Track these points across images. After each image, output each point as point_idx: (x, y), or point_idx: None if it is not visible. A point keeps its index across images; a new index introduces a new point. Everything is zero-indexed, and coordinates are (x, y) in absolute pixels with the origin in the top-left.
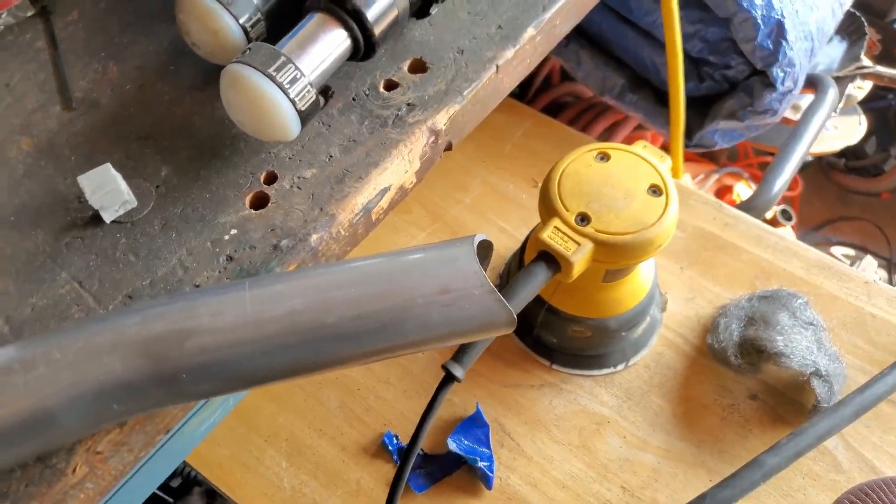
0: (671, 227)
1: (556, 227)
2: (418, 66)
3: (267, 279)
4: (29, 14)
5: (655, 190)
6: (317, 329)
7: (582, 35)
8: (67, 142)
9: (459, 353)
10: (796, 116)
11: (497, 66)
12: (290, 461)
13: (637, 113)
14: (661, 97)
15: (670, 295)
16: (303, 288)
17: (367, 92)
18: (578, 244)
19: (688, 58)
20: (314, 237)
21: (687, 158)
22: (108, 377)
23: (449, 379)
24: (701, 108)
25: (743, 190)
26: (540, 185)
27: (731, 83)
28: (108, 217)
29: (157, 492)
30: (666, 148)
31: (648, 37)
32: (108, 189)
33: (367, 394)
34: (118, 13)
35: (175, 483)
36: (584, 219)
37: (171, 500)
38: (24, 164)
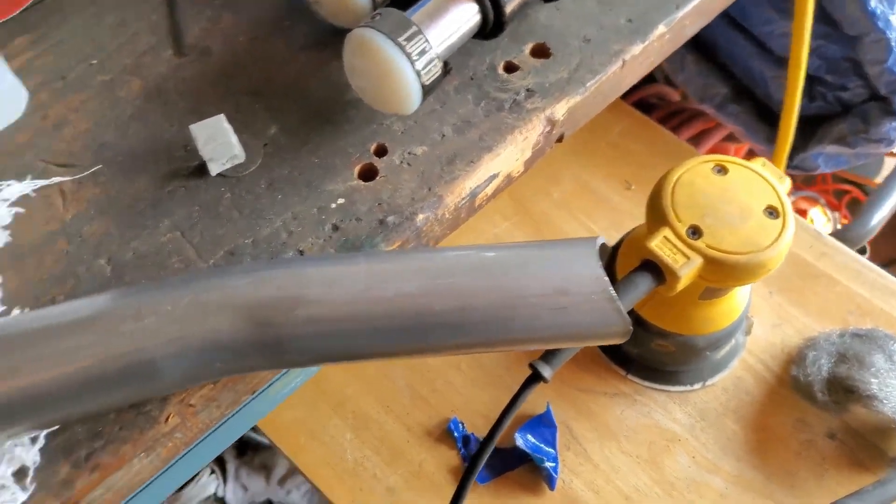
0: (784, 253)
1: (665, 236)
2: (541, 51)
3: (381, 256)
4: None
5: (772, 212)
6: (424, 315)
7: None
8: (176, 88)
9: (549, 354)
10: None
11: (623, 61)
12: (354, 433)
13: (737, 125)
14: (762, 111)
15: (756, 319)
16: (416, 270)
17: (486, 72)
18: (688, 258)
19: None
20: (420, 217)
21: None
22: (213, 336)
23: (535, 378)
24: (806, 129)
25: (817, 216)
26: (633, 187)
27: (843, 106)
28: (214, 169)
29: None
30: None
31: (761, 47)
32: (220, 141)
33: (435, 376)
34: None
35: None
36: (695, 232)
37: None
38: (133, 105)
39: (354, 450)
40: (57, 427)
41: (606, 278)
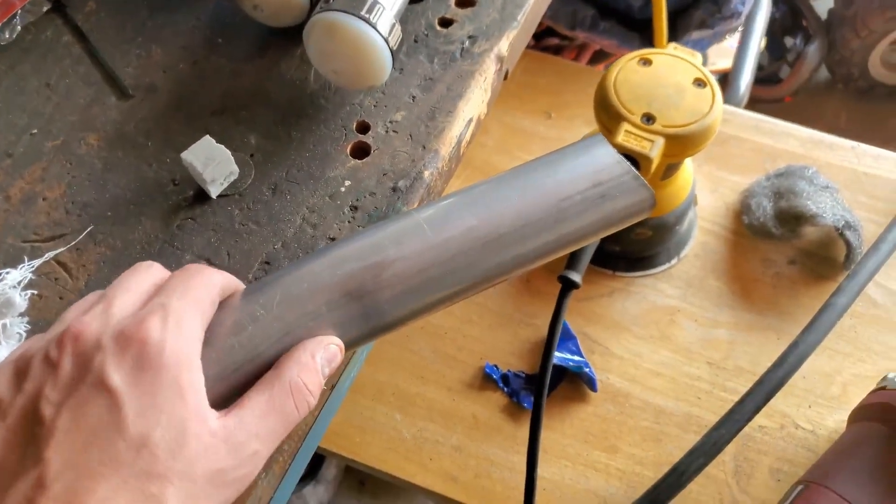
0: (721, 112)
1: (626, 130)
2: (466, 0)
3: (429, 205)
4: (45, 10)
5: (700, 82)
6: (495, 240)
7: None
8: (137, 129)
9: (573, 261)
10: None
11: None
12: (403, 413)
13: (612, 39)
14: (627, 22)
15: (697, 191)
16: (468, 206)
17: (426, 32)
18: (652, 141)
19: None
20: (426, 173)
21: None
22: (315, 323)
23: (569, 286)
24: (669, 25)
25: None
26: (552, 115)
27: None
28: (214, 191)
29: None
30: None
31: None
32: (219, 160)
33: (454, 335)
34: None
35: None
36: (649, 119)
37: None
38: (100, 158)
39: (409, 426)
40: None
41: (627, 161)
